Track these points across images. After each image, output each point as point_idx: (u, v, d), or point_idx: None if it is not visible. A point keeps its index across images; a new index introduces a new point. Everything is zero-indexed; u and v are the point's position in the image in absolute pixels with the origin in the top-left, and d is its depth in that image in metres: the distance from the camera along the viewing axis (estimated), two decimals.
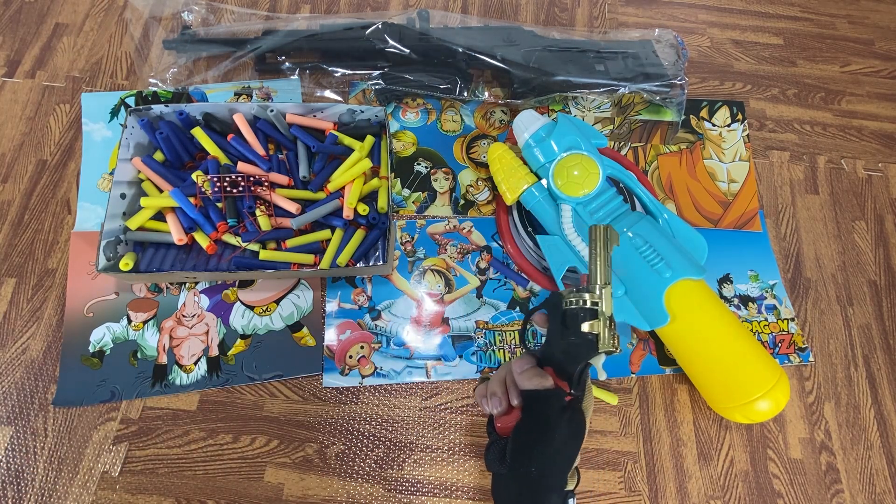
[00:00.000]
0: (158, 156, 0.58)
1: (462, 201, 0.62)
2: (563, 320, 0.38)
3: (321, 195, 0.57)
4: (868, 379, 0.56)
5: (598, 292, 0.38)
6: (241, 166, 0.57)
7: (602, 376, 0.39)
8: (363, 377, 0.53)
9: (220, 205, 0.55)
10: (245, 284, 0.57)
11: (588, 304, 0.37)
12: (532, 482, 0.36)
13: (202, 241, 0.54)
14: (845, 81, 0.72)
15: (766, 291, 0.59)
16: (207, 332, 0.55)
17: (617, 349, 0.37)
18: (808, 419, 0.54)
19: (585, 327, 0.37)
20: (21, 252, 0.58)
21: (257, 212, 0.55)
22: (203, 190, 0.54)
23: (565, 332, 0.38)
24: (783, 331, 0.57)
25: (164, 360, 0.53)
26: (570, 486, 0.37)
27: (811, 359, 0.56)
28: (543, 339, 0.44)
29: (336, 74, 0.66)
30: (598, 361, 0.39)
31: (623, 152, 0.65)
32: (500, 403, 0.39)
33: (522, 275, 0.58)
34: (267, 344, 0.54)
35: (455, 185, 0.63)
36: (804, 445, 0.53)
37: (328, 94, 0.67)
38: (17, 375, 0.53)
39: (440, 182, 0.63)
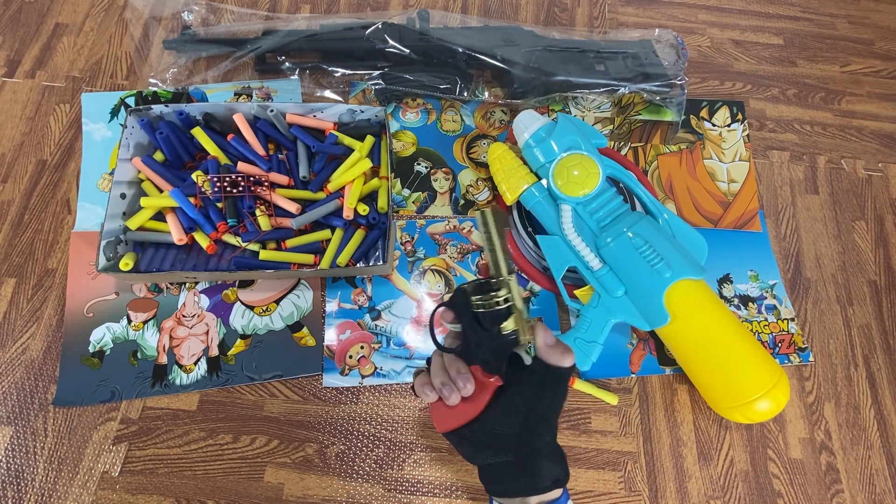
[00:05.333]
0: (158, 156, 0.58)
1: (462, 201, 0.62)
2: (477, 322, 0.36)
3: (321, 195, 0.57)
4: (868, 379, 0.56)
5: (505, 286, 0.35)
6: (241, 166, 0.57)
7: (527, 361, 0.37)
8: (363, 377, 0.53)
9: (220, 205, 0.55)
10: (245, 284, 0.57)
11: (501, 303, 0.35)
12: (519, 453, 0.37)
13: (202, 241, 0.54)
14: (845, 81, 0.72)
15: (766, 291, 0.59)
16: (207, 332, 0.55)
17: (532, 341, 0.36)
18: (808, 419, 0.54)
19: (504, 326, 0.35)
20: (21, 252, 0.58)
21: (257, 212, 0.55)
22: (203, 190, 0.54)
23: (482, 333, 0.36)
24: (783, 331, 0.57)
25: (164, 360, 0.53)
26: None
27: (811, 359, 0.56)
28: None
29: (336, 74, 0.66)
30: (521, 349, 0.37)
31: (623, 152, 0.65)
32: (470, 380, 0.36)
33: (522, 275, 0.58)
34: (267, 344, 0.54)
35: (455, 185, 0.63)
36: (804, 445, 0.53)
37: (328, 94, 0.67)
38: (17, 375, 0.53)
39: (440, 182, 0.63)
